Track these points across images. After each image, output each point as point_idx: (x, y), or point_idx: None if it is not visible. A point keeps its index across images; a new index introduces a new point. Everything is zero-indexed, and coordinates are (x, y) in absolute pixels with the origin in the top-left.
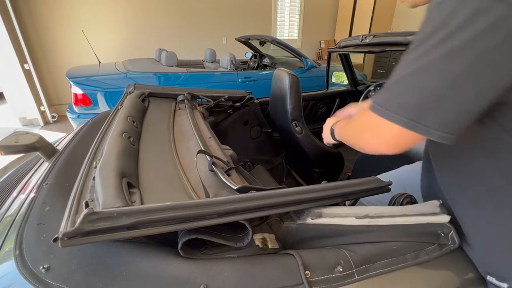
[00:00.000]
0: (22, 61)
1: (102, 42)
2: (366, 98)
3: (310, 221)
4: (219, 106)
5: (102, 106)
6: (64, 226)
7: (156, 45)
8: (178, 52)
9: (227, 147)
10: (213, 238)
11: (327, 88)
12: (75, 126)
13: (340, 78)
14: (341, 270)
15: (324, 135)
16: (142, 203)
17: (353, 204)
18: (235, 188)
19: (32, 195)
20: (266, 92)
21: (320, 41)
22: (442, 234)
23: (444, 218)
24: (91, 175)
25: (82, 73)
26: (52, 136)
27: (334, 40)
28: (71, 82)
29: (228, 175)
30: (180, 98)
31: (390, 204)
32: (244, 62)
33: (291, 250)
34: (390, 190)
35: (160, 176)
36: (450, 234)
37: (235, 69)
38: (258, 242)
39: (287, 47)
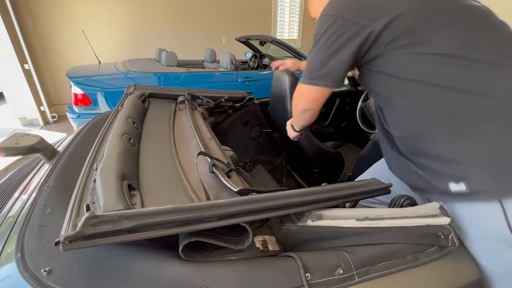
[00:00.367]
0: (22, 61)
1: (102, 42)
2: (367, 99)
3: (310, 223)
4: (219, 106)
5: (102, 106)
6: (65, 230)
7: (156, 45)
8: (178, 52)
9: (228, 148)
10: (213, 241)
11: None
12: (75, 126)
13: None
14: (341, 272)
15: (289, 134)
16: (142, 205)
17: (353, 206)
18: (236, 190)
19: (33, 197)
20: (266, 92)
21: None
22: (442, 236)
23: (444, 220)
24: (92, 177)
25: (82, 73)
26: (52, 136)
27: None
28: (71, 82)
29: (228, 177)
30: (180, 98)
31: (390, 206)
32: (244, 62)
33: (292, 252)
34: (390, 192)
35: (160, 177)
36: (450, 236)
37: (235, 69)
38: (258, 245)
39: (287, 47)
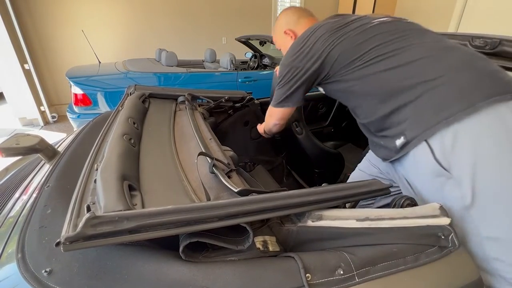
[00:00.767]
0: (22, 61)
1: (102, 42)
2: None
3: (310, 223)
4: (220, 106)
5: (102, 106)
6: (66, 230)
7: (156, 45)
8: (178, 52)
9: (228, 148)
10: (214, 241)
11: None
12: (75, 126)
13: None
14: (341, 272)
15: (260, 132)
16: (143, 206)
17: (353, 206)
18: (236, 191)
19: (33, 198)
20: (266, 92)
21: None
22: (443, 237)
23: (444, 221)
24: (92, 178)
25: (82, 73)
26: (52, 136)
27: None
28: (71, 82)
29: (228, 177)
30: (180, 99)
31: (390, 206)
32: (244, 62)
33: (292, 252)
34: (390, 193)
35: (161, 178)
36: (450, 236)
37: (235, 69)
38: (259, 245)
39: None
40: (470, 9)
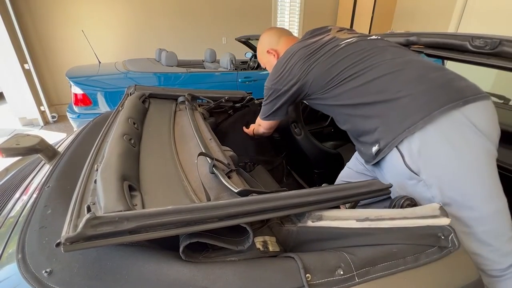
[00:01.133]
0: (22, 61)
1: (102, 42)
2: None
3: (310, 224)
4: (220, 107)
5: (102, 106)
6: (66, 231)
7: (156, 45)
8: (178, 52)
9: (228, 149)
10: (214, 242)
11: None
12: (75, 126)
13: None
14: (341, 273)
15: (247, 132)
16: (143, 206)
17: (353, 206)
18: (236, 191)
19: (33, 198)
20: None
21: None
22: (442, 237)
23: (444, 221)
24: (93, 178)
25: (82, 73)
26: (52, 136)
27: None
28: (71, 82)
29: (228, 177)
30: (180, 99)
31: (390, 206)
32: (244, 62)
33: (292, 253)
34: (390, 192)
35: (161, 178)
36: (450, 236)
37: (235, 69)
38: (259, 245)
39: None
40: (470, 9)
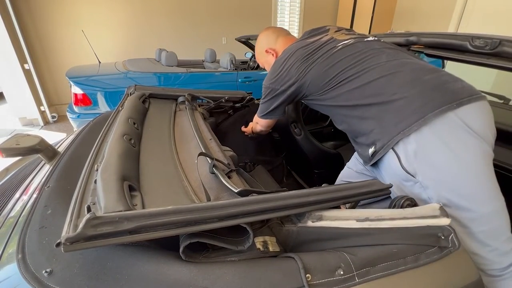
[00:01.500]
0: (22, 61)
1: (102, 42)
2: None
3: (311, 224)
4: (220, 107)
5: (102, 106)
6: (66, 231)
7: (156, 45)
8: (178, 52)
9: (228, 149)
10: (214, 242)
11: None
12: (75, 126)
13: None
14: (341, 273)
15: (245, 130)
16: (143, 206)
17: (353, 206)
18: (236, 191)
19: (34, 198)
20: None
21: None
22: (442, 237)
23: (444, 221)
24: (93, 178)
25: (82, 73)
26: (52, 136)
27: None
28: (71, 82)
29: (229, 177)
30: (180, 99)
31: (390, 206)
32: (244, 62)
33: (292, 253)
34: (390, 193)
35: (161, 178)
36: (450, 237)
37: (235, 69)
38: (259, 245)
39: None
40: (470, 9)
